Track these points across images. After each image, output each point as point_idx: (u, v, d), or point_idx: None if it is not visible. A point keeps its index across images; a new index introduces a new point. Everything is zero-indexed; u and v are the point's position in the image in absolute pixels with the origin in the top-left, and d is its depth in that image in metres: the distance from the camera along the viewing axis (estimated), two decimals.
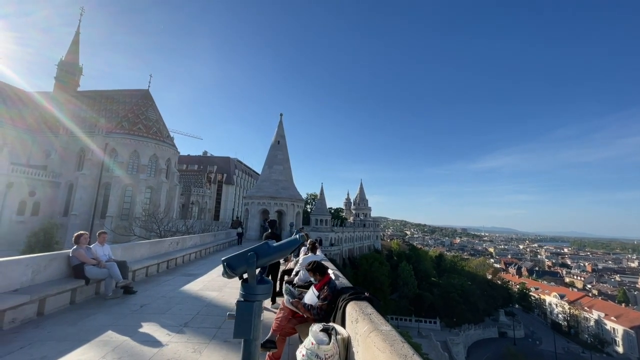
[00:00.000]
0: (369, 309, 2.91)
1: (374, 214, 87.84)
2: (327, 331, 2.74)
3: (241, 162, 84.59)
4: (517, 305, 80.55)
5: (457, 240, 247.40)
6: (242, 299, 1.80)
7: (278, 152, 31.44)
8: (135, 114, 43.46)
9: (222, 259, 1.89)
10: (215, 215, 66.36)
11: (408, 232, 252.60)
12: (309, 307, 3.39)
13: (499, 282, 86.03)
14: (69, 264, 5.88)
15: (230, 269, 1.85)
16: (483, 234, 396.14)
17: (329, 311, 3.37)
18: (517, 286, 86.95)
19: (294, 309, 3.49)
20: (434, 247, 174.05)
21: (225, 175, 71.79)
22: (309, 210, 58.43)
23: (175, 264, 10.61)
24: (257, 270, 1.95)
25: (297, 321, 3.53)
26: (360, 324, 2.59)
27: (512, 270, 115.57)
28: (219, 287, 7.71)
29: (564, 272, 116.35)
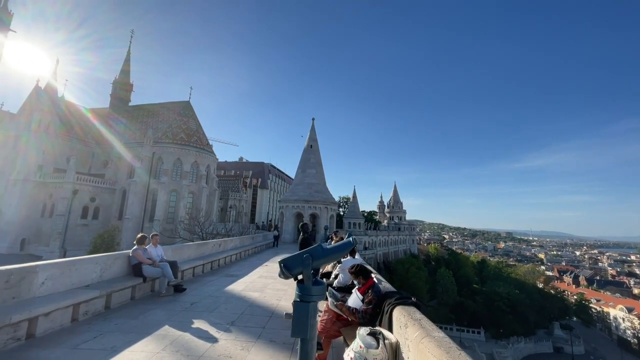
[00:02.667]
0: (418, 314, 2.83)
1: (409, 217, 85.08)
2: (374, 335, 2.71)
3: (275, 167, 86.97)
4: (574, 318, 72.70)
5: (502, 244, 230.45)
6: (299, 300, 1.86)
7: (311, 156, 31.84)
8: (177, 124, 46.81)
9: (279, 260, 1.98)
10: (251, 218, 68.81)
11: (446, 236, 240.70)
12: (353, 311, 3.38)
13: (552, 291, 78.50)
14: (129, 263, 6.48)
15: (287, 270, 1.93)
16: (531, 238, 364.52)
17: (374, 315, 3.34)
18: (575, 297, 78.64)
19: (339, 311, 3.51)
20: (476, 251, 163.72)
21: (259, 179, 74.30)
22: (342, 213, 58.23)
23: (218, 265, 11.17)
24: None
25: (341, 324, 3.54)
26: (410, 330, 2.53)
27: (567, 279, 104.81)
28: (260, 288, 7.98)
29: (632, 282, 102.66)
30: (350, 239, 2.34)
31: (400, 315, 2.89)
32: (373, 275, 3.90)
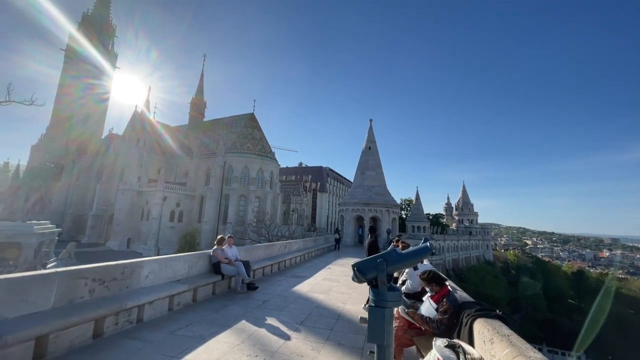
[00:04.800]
0: (505, 329, 2.53)
1: (482, 219, 77.21)
2: (453, 348, 2.51)
3: (333, 171, 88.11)
4: None
5: (605, 253, 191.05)
6: (374, 305, 1.83)
7: (369, 158, 31.34)
8: (244, 135, 51.14)
9: (352, 264, 1.98)
10: (311, 221, 70.78)
11: (529, 242, 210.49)
12: (427, 320, 3.19)
13: None
14: (210, 261, 7.25)
15: (361, 274, 1.92)
16: None
17: (450, 326, 3.10)
18: None
19: (410, 319, 3.35)
20: (569, 260, 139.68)
21: (318, 183, 76.10)
22: (404, 216, 55.74)
23: (284, 266, 11.73)
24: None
25: (414, 333, 3.37)
26: (497, 346, 2.27)
27: None
28: (325, 290, 8.11)
29: None
30: (427, 244, 2.21)
31: (483, 328, 2.62)
32: (447, 283, 3.63)
